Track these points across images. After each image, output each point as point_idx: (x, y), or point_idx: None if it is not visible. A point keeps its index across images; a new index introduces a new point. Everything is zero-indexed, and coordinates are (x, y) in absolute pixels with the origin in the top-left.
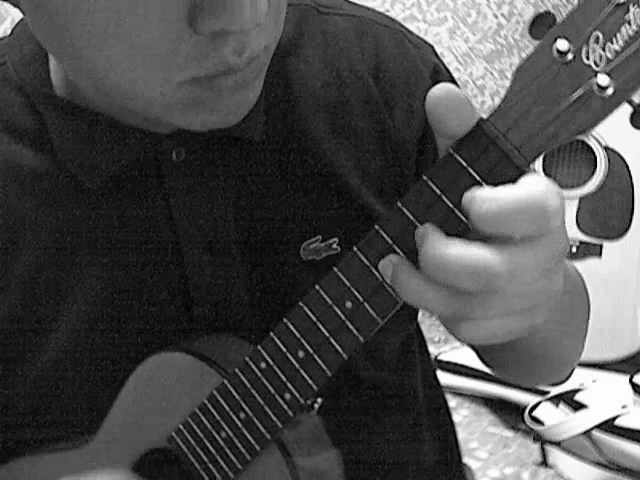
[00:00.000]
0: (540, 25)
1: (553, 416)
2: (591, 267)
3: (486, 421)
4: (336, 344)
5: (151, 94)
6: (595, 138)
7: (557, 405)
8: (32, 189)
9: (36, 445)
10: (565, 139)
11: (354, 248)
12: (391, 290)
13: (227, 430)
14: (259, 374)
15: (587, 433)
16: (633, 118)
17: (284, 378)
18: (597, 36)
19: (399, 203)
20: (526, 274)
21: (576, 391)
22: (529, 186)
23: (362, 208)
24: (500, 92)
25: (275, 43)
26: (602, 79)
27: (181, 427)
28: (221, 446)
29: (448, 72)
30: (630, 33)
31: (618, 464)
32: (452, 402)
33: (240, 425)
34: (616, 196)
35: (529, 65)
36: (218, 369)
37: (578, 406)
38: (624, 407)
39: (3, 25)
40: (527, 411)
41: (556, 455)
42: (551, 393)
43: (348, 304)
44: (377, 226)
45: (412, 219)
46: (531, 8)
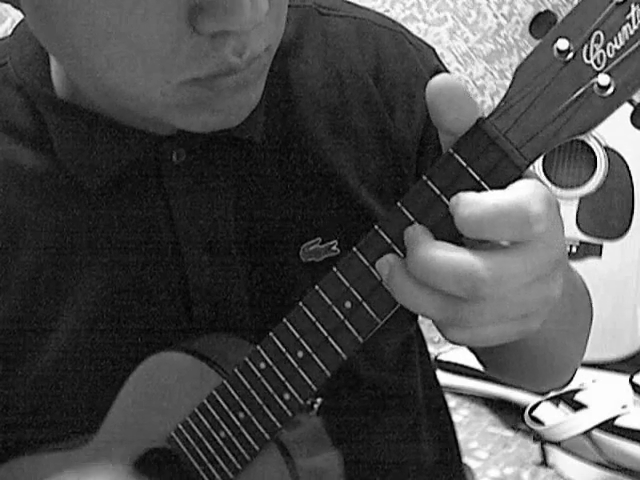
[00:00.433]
0: (540, 24)
1: (553, 416)
2: (591, 267)
3: (486, 421)
4: (335, 344)
5: (151, 94)
6: (595, 138)
7: (557, 405)
8: (32, 189)
9: (36, 445)
10: (565, 139)
11: (354, 248)
12: (390, 290)
13: (226, 430)
14: (258, 374)
15: (587, 433)
16: (634, 117)
17: (283, 378)
18: (598, 35)
19: (399, 203)
20: (514, 280)
21: (576, 391)
22: (514, 191)
23: (362, 209)
24: (500, 92)
25: (277, 44)
26: (603, 79)
27: (180, 427)
28: (220, 446)
29: None
30: (631, 32)
31: (618, 464)
32: (452, 402)
33: (239, 425)
34: (616, 196)
35: (529, 65)
36: (218, 369)
37: (578, 406)
38: (624, 407)
39: (3, 25)
40: (527, 411)
41: (556, 455)
42: (551, 393)
43: (347, 304)
44: (377, 226)
45: (411, 219)
46: (531, 8)
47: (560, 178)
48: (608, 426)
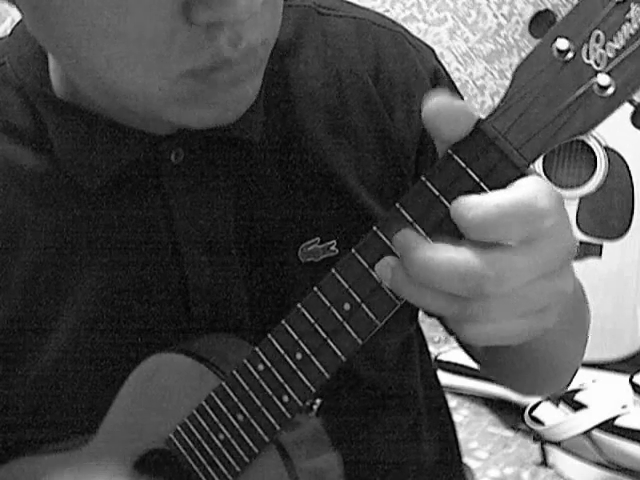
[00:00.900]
0: (540, 23)
1: (553, 416)
2: (591, 267)
3: (486, 421)
4: (334, 346)
5: (149, 90)
6: (595, 138)
7: (557, 405)
8: (32, 189)
9: (36, 445)
10: (565, 139)
11: (352, 250)
12: (389, 292)
13: (225, 432)
14: (257, 376)
15: (587, 433)
16: (634, 117)
17: (282, 380)
18: (597, 35)
19: (397, 204)
20: (519, 276)
21: (576, 391)
22: (517, 189)
23: (361, 209)
24: (500, 92)
25: (273, 38)
26: (602, 79)
27: (179, 429)
28: (219, 448)
29: (448, 76)
30: (631, 32)
31: (618, 464)
32: (452, 402)
33: (238, 427)
34: (616, 196)
35: (529, 64)
36: (216, 371)
37: (578, 406)
38: (624, 407)
39: (3, 25)
40: (527, 411)
41: (556, 455)
42: None
43: (346, 306)
44: (375, 227)
45: (410, 220)
46: (531, 8)
47: (560, 178)
48: (608, 426)
